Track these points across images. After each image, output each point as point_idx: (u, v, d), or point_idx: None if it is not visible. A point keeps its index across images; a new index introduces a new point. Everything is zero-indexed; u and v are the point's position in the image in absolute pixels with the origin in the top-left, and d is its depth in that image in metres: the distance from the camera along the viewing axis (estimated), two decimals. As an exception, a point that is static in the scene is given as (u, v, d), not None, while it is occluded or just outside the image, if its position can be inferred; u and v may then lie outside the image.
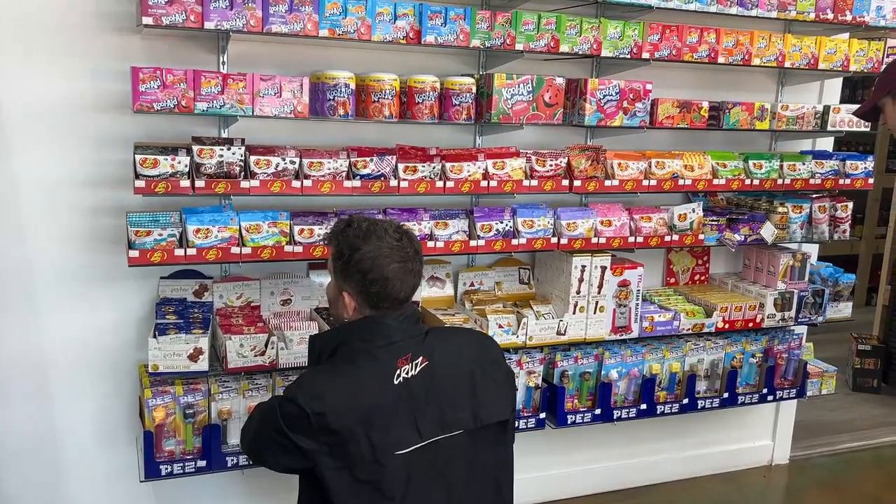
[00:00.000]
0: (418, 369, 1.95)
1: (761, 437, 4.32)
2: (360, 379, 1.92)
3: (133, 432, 3.02)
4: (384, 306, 2.00)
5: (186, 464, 2.75)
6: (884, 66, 3.37)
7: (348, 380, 1.91)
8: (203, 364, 2.66)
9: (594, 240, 3.19)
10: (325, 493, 1.90)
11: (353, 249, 1.98)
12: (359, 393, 1.90)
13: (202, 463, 2.77)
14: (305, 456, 1.88)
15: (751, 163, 3.51)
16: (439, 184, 2.92)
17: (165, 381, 2.76)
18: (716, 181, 3.40)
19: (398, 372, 1.93)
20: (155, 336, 2.65)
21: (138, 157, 2.56)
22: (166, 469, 2.73)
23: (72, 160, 2.78)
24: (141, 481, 2.75)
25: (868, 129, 3.73)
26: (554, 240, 3.12)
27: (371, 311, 2.01)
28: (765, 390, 3.70)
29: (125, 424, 3.04)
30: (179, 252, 2.61)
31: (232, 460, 2.80)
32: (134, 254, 2.57)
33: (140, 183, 2.55)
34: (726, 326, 3.52)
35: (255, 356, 2.72)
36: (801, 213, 3.65)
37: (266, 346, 2.73)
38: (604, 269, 3.23)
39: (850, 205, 3.81)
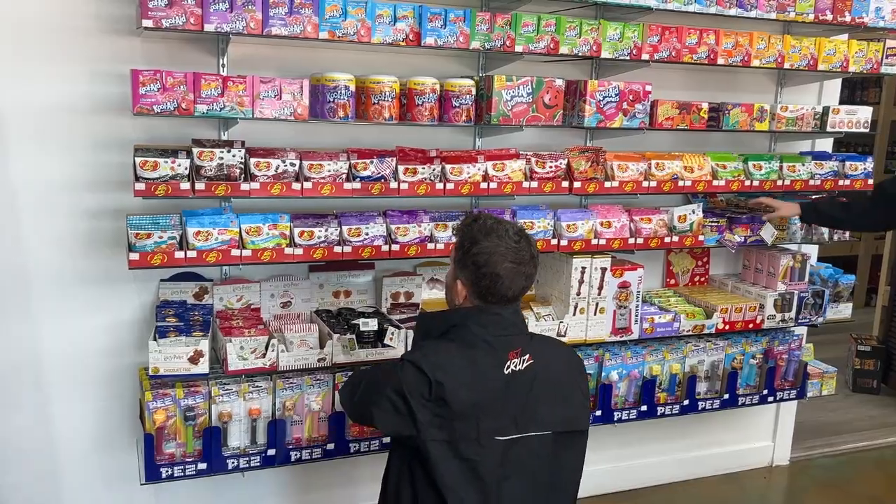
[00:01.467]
0: (525, 365, 2.06)
1: (762, 438, 4.32)
2: (478, 361, 2.02)
3: (133, 435, 3.02)
4: (491, 300, 2.08)
5: (187, 466, 2.75)
6: None
7: (467, 359, 2.01)
8: (203, 367, 2.66)
9: (594, 241, 3.19)
10: (424, 464, 2.00)
11: (472, 243, 2.07)
12: (476, 374, 2.00)
13: (203, 465, 2.76)
14: (415, 422, 1.97)
15: (750, 164, 3.51)
16: (439, 186, 2.92)
17: (166, 384, 2.75)
18: (715, 182, 3.40)
19: (508, 363, 2.03)
20: (155, 339, 2.64)
21: (138, 159, 2.56)
22: (167, 472, 2.72)
23: (72, 163, 2.78)
24: (141, 484, 2.74)
25: (867, 130, 3.74)
26: (554, 241, 3.12)
27: (479, 302, 2.09)
28: (765, 391, 3.70)
29: (125, 427, 3.03)
30: (179, 254, 2.61)
31: (233, 463, 2.79)
32: (134, 256, 2.56)
33: (140, 185, 2.55)
34: (726, 328, 3.52)
35: (256, 358, 2.72)
36: (800, 213, 3.65)
37: (266, 348, 2.73)
38: (604, 270, 3.23)
39: (850, 205, 3.81)
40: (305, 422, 2.91)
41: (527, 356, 2.07)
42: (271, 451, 2.83)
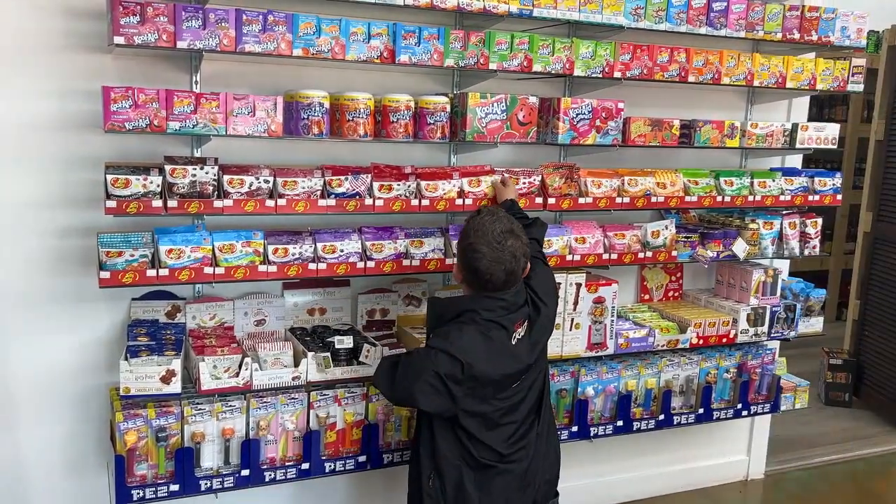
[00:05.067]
0: (523, 331, 2.48)
1: (736, 452, 4.35)
2: (494, 339, 2.40)
3: (104, 457, 2.97)
4: (482, 290, 2.43)
5: (159, 488, 2.70)
6: None
7: (485, 339, 2.38)
8: (176, 386, 2.62)
9: (569, 257, 3.20)
10: (454, 426, 2.43)
11: (463, 238, 2.45)
12: (493, 350, 2.39)
13: (175, 487, 2.72)
14: (453, 400, 2.37)
15: (722, 180, 3.56)
16: (414, 202, 2.92)
17: (137, 404, 2.71)
18: (688, 198, 3.44)
19: (514, 334, 2.44)
20: (126, 358, 2.60)
21: (109, 177, 2.54)
22: (138, 494, 2.68)
23: (42, 180, 2.74)
24: (112, 507, 2.70)
25: (835, 147, 3.80)
26: (529, 257, 3.13)
27: (475, 290, 2.46)
28: (739, 405, 3.73)
29: (95, 449, 2.98)
30: (151, 273, 2.59)
31: (206, 484, 2.75)
32: (105, 275, 2.53)
33: (111, 203, 2.52)
34: (700, 342, 3.55)
35: (229, 378, 2.69)
36: (771, 229, 3.69)
37: (240, 367, 2.70)
38: (579, 286, 3.24)
39: (820, 221, 3.86)
40: (279, 441, 2.88)
41: (526, 323, 2.47)
42: (245, 472, 2.80)
